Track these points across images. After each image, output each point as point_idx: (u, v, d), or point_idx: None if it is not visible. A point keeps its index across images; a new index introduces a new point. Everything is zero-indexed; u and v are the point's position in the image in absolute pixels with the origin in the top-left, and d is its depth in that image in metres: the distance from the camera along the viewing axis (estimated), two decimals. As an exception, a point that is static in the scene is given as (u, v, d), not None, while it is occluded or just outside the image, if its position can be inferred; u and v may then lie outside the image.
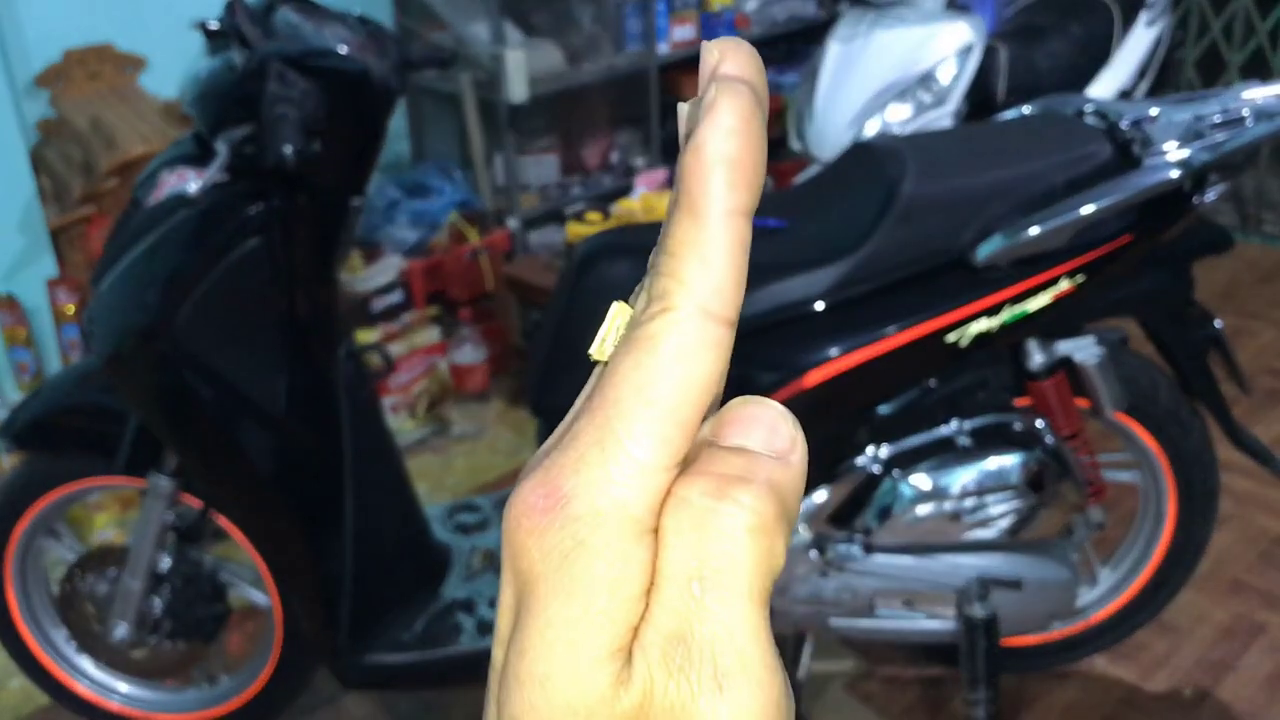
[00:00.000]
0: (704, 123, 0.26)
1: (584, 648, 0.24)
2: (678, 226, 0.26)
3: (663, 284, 0.26)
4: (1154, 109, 1.74)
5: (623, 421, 0.25)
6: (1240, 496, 2.62)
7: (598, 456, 0.25)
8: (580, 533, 0.25)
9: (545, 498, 0.25)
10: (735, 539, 0.24)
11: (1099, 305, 1.80)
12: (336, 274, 1.79)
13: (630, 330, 0.26)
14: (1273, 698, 2.11)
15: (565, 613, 0.25)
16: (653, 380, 0.25)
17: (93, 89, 2.91)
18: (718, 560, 0.24)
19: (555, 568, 0.25)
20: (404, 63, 1.77)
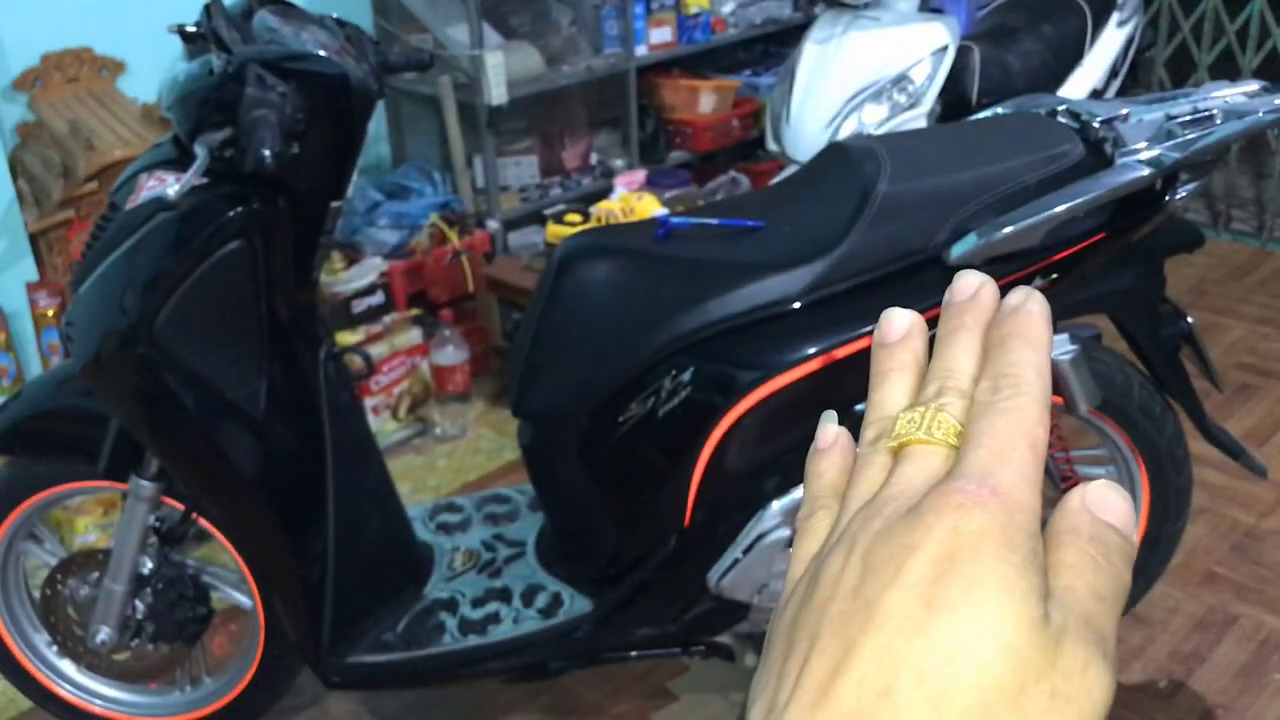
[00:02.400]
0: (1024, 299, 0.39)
1: (1025, 580, 0.32)
2: (1016, 351, 0.37)
3: (1014, 382, 0.37)
4: (1125, 108, 1.76)
5: (1017, 452, 0.35)
6: (1213, 490, 2.65)
7: (1010, 472, 0.34)
8: (1014, 513, 0.33)
9: (980, 488, 0.34)
10: (1117, 588, 0.35)
11: (1072, 303, 1.83)
12: (316, 276, 1.79)
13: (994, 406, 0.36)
14: (1245, 688, 2.14)
15: (1012, 557, 0.32)
16: (1031, 430, 0.35)
17: (71, 92, 2.91)
18: (1109, 592, 0.34)
19: (1000, 529, 0.33)
20: (383, 65, 1.78)
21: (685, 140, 3.91)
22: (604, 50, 3.62)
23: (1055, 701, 0.31)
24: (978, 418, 0.36)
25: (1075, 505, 0.35)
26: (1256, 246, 4.00)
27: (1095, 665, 0.32)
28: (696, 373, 1.68)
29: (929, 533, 0.33)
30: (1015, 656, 0.31)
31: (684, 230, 1.79)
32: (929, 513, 0.34)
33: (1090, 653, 0.32)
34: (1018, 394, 0.36)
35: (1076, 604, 0.33)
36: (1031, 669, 0.31)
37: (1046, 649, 0.32)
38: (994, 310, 0.40)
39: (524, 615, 1.90)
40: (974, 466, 0.34)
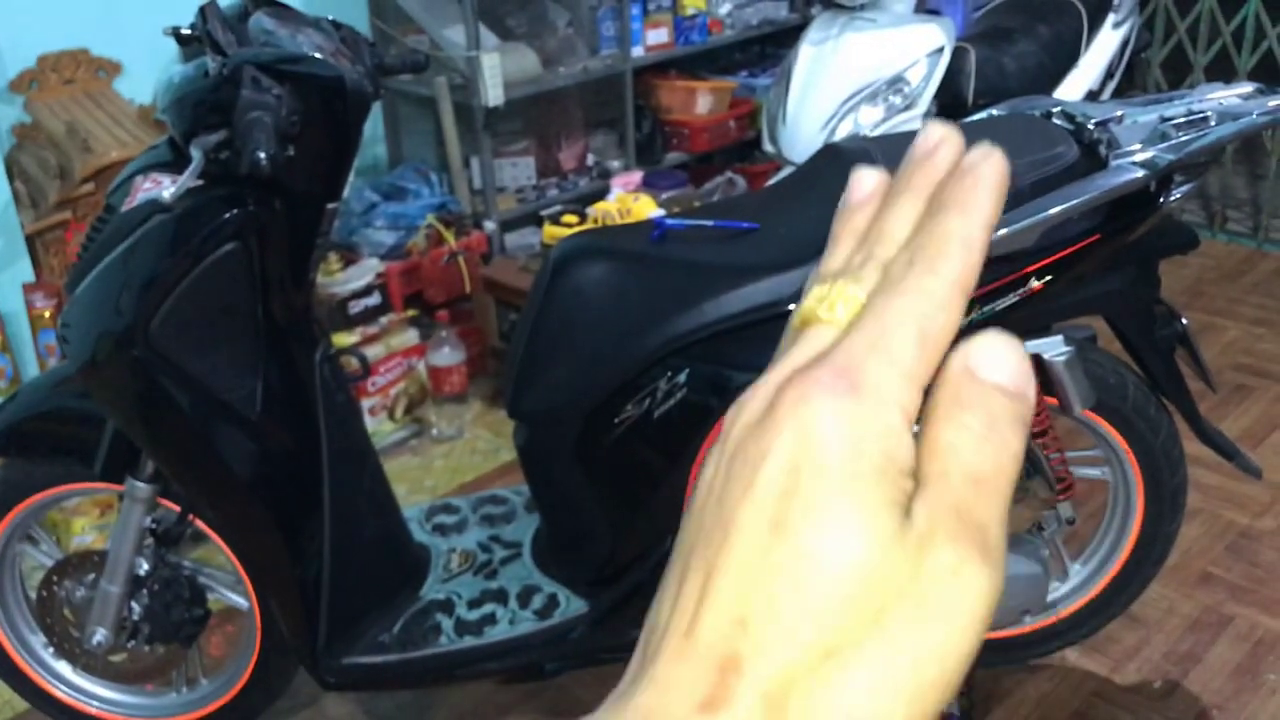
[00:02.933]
0: (985, 161, 0.34)
1: (878, 494, 0.29)
2: (947, 222, 0.33)
3: (929, 256, 0.32)
4: (1120, 110, 1.77)
5: (899, 341, 0.31)
6: (1207, 491, 2.66)
7: (882, 363, 0.31)
8: (869, 410, 0.30)
9: (838, 378, 0.30)
10: (1005, 462, 0.31)
11: (1067, 304, 1.83)
12: (313, 278, 1.79)
13: (893, 285, 0.32)
14: (1241, 688, 2.15)
15: (859, 465, 0.29)
16: (924, 319, 0.31)
17: (67, 94, 2.90)
18: (993, 471, 0.31)
19: (848, 433, 0.30)
20: (379, 67, 1.78)
21: (682, 141, 3.91)
22: (600, 51, 3.62)
23: (922, 610, 0.29)
24: (876, 295, 0.33)
25: (955, 369, 0.32)
26: (1252, 247, 4.01)
27: (968, 565, 0.29)
28: (692, 374, 1.68)
29: (778, 435, 0.30)
30: (868, 575, 0.29)
31: (680, 232, 1.80)
32: (780, 408, 0.31)
33: (961, 553, 0.29)
34: (928, 272, 0.32)
35: (949, 494, 0.30)
36: (890, 586, 0.29)
37: (907, 560, 0.29)
38: (948, 171, 0.35)
39: (520, 616, 1.90)
40: (843, 352, 0.31)
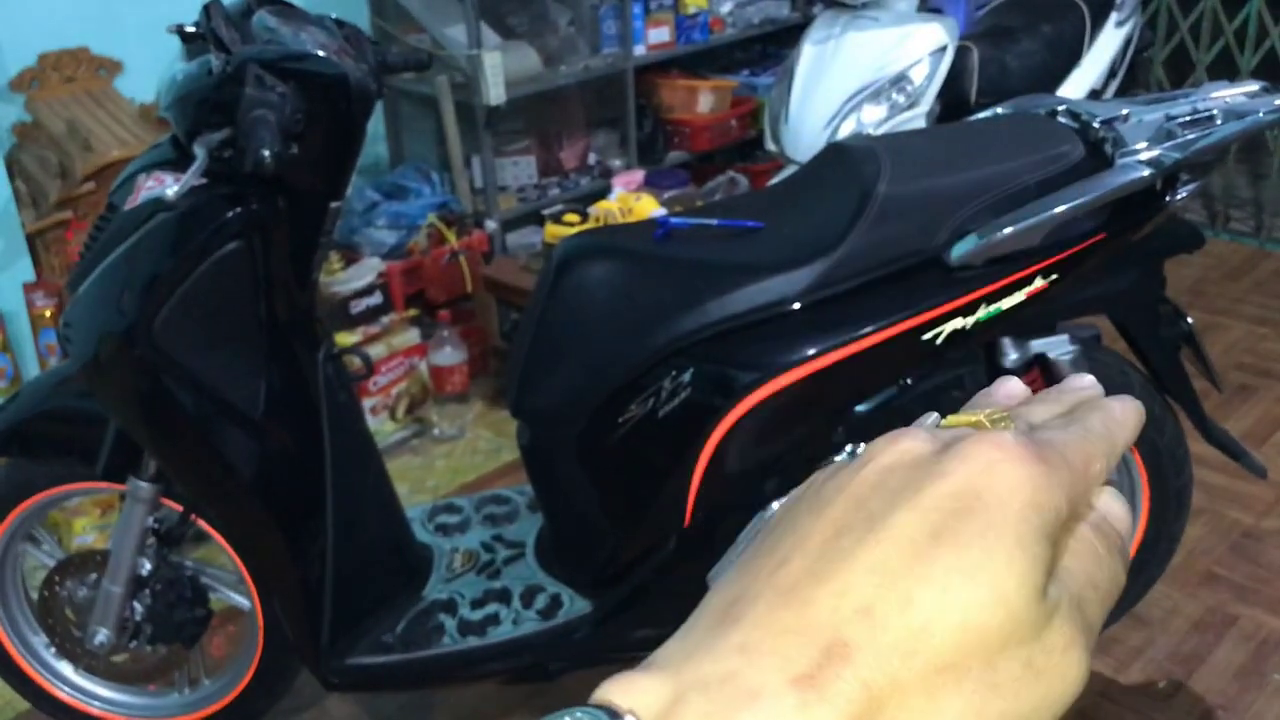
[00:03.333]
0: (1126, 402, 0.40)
1: (1035, 541, 0.32)
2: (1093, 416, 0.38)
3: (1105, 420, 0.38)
4: (1125, 109, 1.76)
5: (1074, 454, 0.35)
6: (1212, 490, 2.65)
7: (1062, 460, 0.34)
8: (1048, 478, 0.33)
9: (1031, 449, 0.33)
10: (1114, 586, 0.35)
11: (1072, 303, 1.83)
12: (315, 277, 1.79)
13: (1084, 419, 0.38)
14: (1245, 689, 2.14)
15: (1031, 516, 0.32)
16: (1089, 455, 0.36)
17: (68, 92, 2.90)
18: (1107, 585, 0.35)
19: (1030, 486, 0.32)
20: (382, 66, 1.78)
21: (683, 140, 3.91)
22: (602, 50, 3.61)
23: (1029, 671, 0.31)
24: (1043, 427, 0.37)
25: (1090, 510, 0.36)
26: (1255, 246, 4.00)
27: (1076, 649, 0.32)
28: (696, 374, 1.68)
29: (963, 463, 0.32)
30: (1007, 614, 0.30)
31: (683, 231, 1.79)
32: (972, 446, 0.33)
33: (1075, 636, 0.32)
34: (1089, 431, 0.37)
35: (1074, 586, 0.33)
36: (1018, 632, 0.31)
37: (1037, 618, 0.31)
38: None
39: (523, 616, 1.89)
40: (1034, 440, 0.34)
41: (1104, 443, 0.37)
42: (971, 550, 0.31)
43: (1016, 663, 0.31)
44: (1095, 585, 0.34)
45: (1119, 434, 0.38)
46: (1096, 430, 0.37)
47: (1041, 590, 0.31)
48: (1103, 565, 0.35)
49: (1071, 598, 0.33)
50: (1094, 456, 0.36)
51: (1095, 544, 0.35)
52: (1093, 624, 0.33)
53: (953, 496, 0.32)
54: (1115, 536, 0.36)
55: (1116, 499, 0.37)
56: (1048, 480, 0.33)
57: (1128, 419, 0.39)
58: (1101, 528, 0.35)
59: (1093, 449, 0.36)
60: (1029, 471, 0.32)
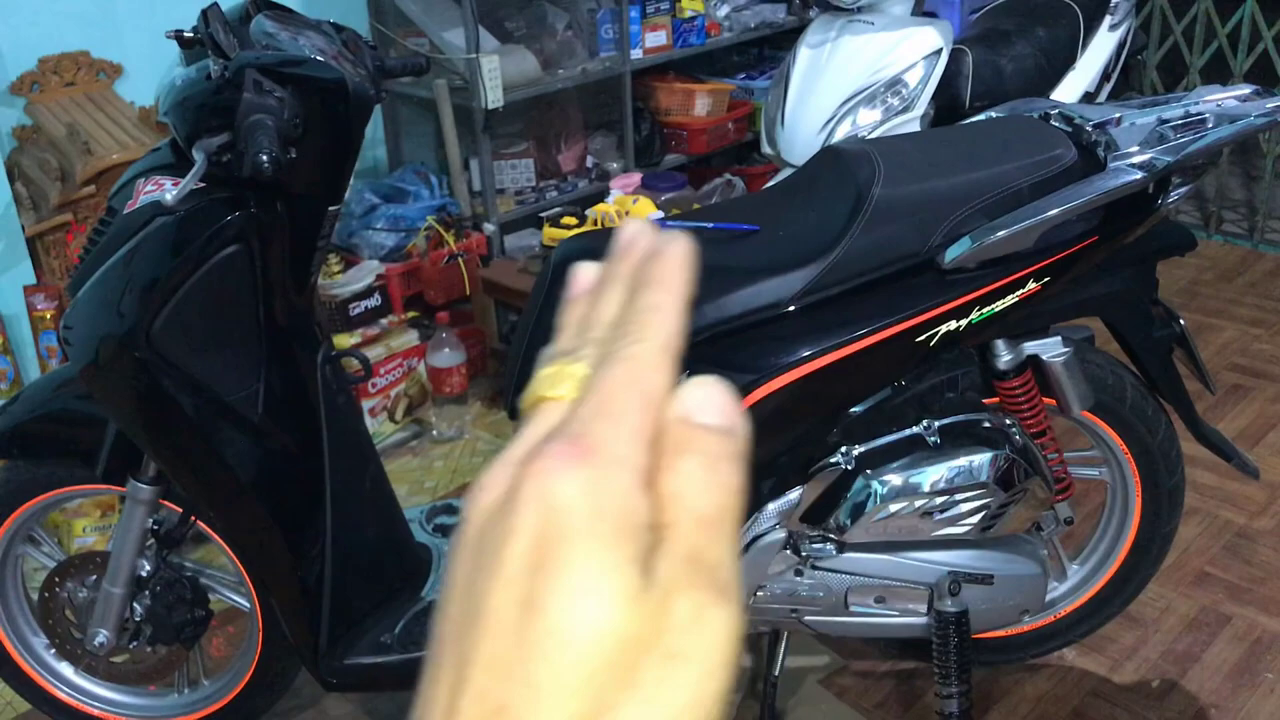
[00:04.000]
0: (670, 246, 0.38)
1: (617, 555, 0.30)
2: (648, 297, 0.36)
3: (637, 328, 0.35)
4: (1118, 112, 1.78)
5: (622, 403, 0.33)
6: (1205, 491, 2.67)
7: (609, 426, 0.32)
8: (607, 471, 0.31)
9: (571, 447, 0.32)
10: (727, 500, 0.33)
11: (1065, 305, 1.84)
12: (314, 280, 1.80)
13: (611, 355, 0.35)
14: (1238, 688, 2.16)
15: (598, 528, 0.31)
16: (641, 381, 0.34)
17: (68, 96, 2.91)
18: (718, 512, 0.33)
19: (589, 495, 0.31)
20: (380, 70, 1.79)
21: (680, 143, 3.92)
22: (599, 54, 3.63)
23: (673, 663, 0.30)
24: (597, 369, 0.35)
25: (672, 419, 0.34)
26: (1248, 248, 4.02)
27: (710, 609, 0.31)
28: (692, 375, 1.69)
29: (521, 513, 0.31)
30: (618, 638, 0.30)
31: (679, 234, 1.80)
32: (521, 487, 0.31)
33: (702, 597, 0.31)
34: (638, 340, 0.35)
35: (682, 543, 0.31)
36: (639, 643, 0.30)
37: (652, 615, 0.30)
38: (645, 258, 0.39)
39: (521, 617, 1.90)
40: (574, 422, 0.33)
41: (656, 343, 0.34)
42: (556, 601, 0.30)
43: (657, 664, 0.30)
44: (708, 521, 0.32)
45: (669, 311, 0.36)
46: (651, 326, 0.35)
47: (641, 589, 0.30)
48: (708, 490, 0.32)
49: (685, 559, 0.31)
50: (648, 376, 0.34)
51: (693, 473, 0.32)
52: (717, 563, 0.32)
53: (524, 555, 0.31)
54: (713, 442, 0.33)
55: (702, 389, 0.34)
56: (601, 473, 0.31)
57: (674, 278, 0.37)
58: (696, 445, 0.33)
59: (646, 365, 0.34)
60: (578, 480, 0.31)
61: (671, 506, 0.32)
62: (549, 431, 0.33)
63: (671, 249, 0.38)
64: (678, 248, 0.38)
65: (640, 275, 0.38)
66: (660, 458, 0.33)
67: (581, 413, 0.33)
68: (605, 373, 0.34)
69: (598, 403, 0.33)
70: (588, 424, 0.32)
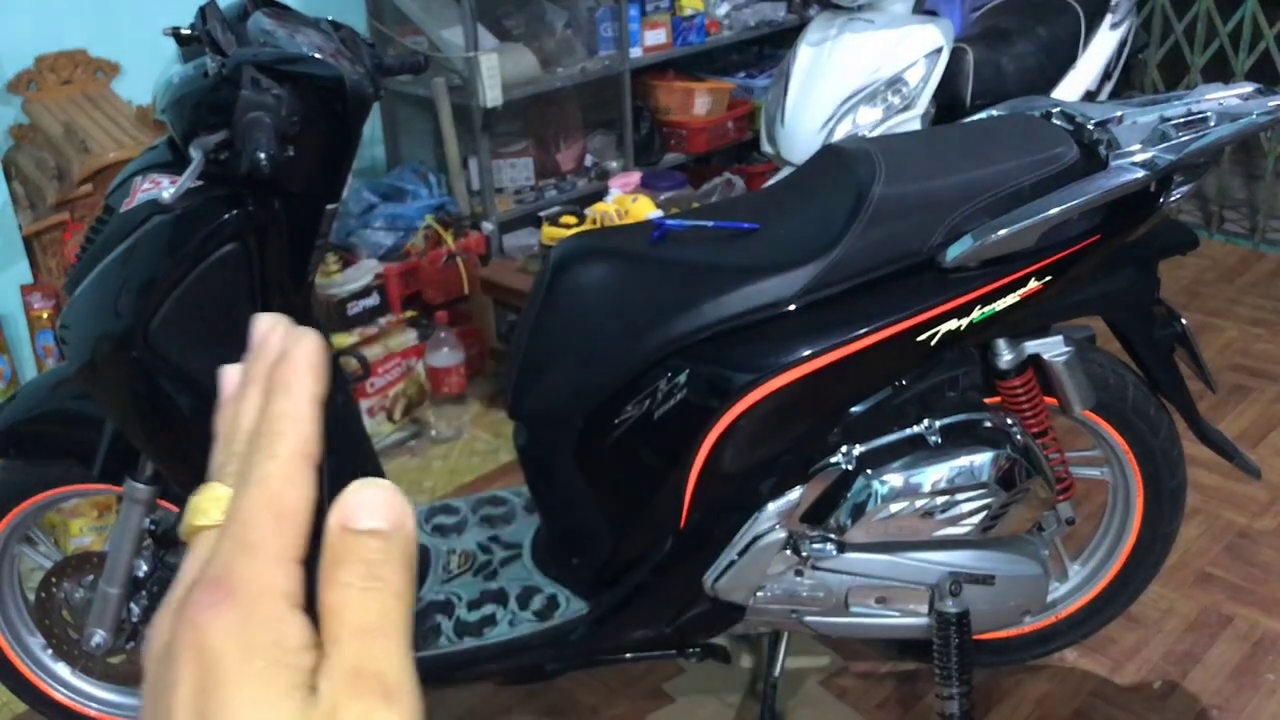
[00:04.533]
0: (296, 346, 0.38)
1: (274, 686, 0.31)
2: (278, 404, 0.37)
3: (268, 441, 0.35)
4: (1120, 111, 1.77)
5: (260, 531, 0.33)
6: (1206, 491, 2.66)
7: (248, 559, 0.33)
8: (249, 609, 0.32)
9: (214, 592, 0.32)
10: (390, 604, 0.34)
11: (1067, 304, 1.83)
12: (311, 278, 1.79)
13: (245, 478, 0.35)
14: (1240, 688, 2.15)
15: (251, 667, 0.31)
16: (275, 500, 0.34)
17: (65, 95, 2.90)
18: (378, 618, 0.33)
19: (235, 639, 0.32)
20: (378, 68, 1.78)
21: (680, 142, 3.92)
22: (599, 52, 3.62)
23: None
24: (234, 496, 0.35)
25: (332, 530, 0.34)
26: (1249, 248, 4.01)
27: (377, 714, 0.32)
28: (692, 375, 1.68)
29: (181, 661, 0.32)
30: None
31: (679, 233, 1.80)
32: (178, 635, 0.32)
33: (366, 706, 0.32)
34: (269, 457, 0.35)
35: (345, 658, 0.32)
36: None
37: None
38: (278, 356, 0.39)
39: (520, 617, 1.90)
40: (213, 563, 0.33)
41: (287, 451, 0.35)
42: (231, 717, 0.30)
43: None
44: (368, 630, 0.33)
45: (300, 412, 0.36)
46: (280, 435, 0.35)
47: (305, 706, 0.31)
48: (366, 599, 0.33)
49: (348, 673, 0.32)
50: (283, 488, 0.34)
51: (351, 583, 0.33)
52: (383, 669, 0.32)
53: (188, 703, 0.31)
54: (372, 548, 0.33)
55: (362, 493, 0.34)
56: (248, 610, 0.32)
57: (303, 376, 0.37)
58: (354, 554, 0.33)
59: (280, 477, 0.34)
60: (226, 624, 0.31)
61: (332, 621, 0.33)
62: (199, 570, 0.34)
63: (298, 350, 0.38)
64: (305, 348, 0.38)
65: (272, 378, 0.38)
66: (323, 571, 0.33)
67: (222, 548, 0.33)
68: (241, 498, 0.34)
69: (236, 533, 0.33)
70: (229, 560, 0.33)
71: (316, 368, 0.37)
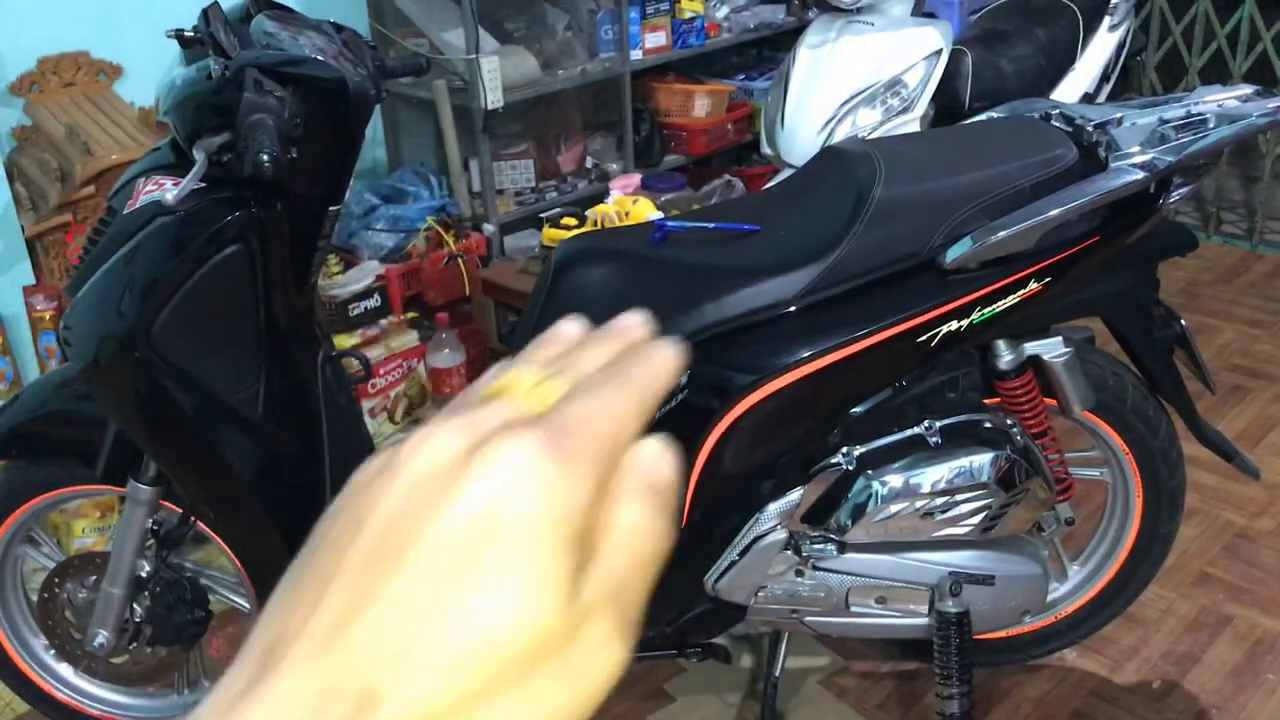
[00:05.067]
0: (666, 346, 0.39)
1: (561, 561, 0.31)
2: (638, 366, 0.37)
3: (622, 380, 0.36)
4: (1119, 112, 1.78)
5: (598, 428, 0.34)
6: (1205, 491, 2.67)
7: (584, 438, 0.33)
8: (575, 480, 0.32)
9: (554, 435, 0.32)
10: (657, 548, 0.34)
11: (1066, 306, 1.84)
12: (314, 280, 1.80)
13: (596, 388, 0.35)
14: (1238, 688, 2.16)
15: (554, 529, 0.31)
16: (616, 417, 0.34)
17: (68, 96, 2.91)
18: (648, 556, 0.34)
19: (551, 494, 0.32)
20: (380, 70, 1.79)
21: (680, 144, 3.92)
22: (599, 54, 3.62)
23: (565, 675, 0.31)
24: (580, 387, 0.35)
25: (627, 466, 0.34)
26: (1247, 249, 4.02)
27: (613, 641, 0.32)
28: (693, 376, 1.69)
29: (484, 476, 0.31)
30: (534, 634, 0.30)
31: (681, 234, 1.80)
32: (495, 450, 0.31)
33: (611, 628, 0.32)
34: (626, 386, 0.35)
35: (612, 575, 0.32)
36: (547, 646, 0.31)
37: (568, 625, 0.31)
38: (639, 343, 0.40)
39: (521, 617, 1.90)
40: (559, 416, 0.33)
41: (638, 399, 0.35)
42: (493, 579, 0.30)
43: (551, 673, 0.31)
44: (640, 562, 0.34)
45: (655, 385, 0.37)
46: (635, 383, 0.36)
47: (570, 598, 0.31)
48: (645, 538, 0.34)
49: (610, 590, 0.32)
50: (626, 420, 0.34)
51: (636, 518, 0.33)
52: (633, 602, 0.33)
53: (471, 520, 0.30)
54: (657, 496, 0.34)
55: (655, 450, 0.35)
56: (569, 482, 0.31)
57: (665, 368, 0.37)
58: (641, 493, 0.34)
59: (625, 410, 0.34)
60: (549, 478, 0.31)
61: (610, 538, 0.33)
62: (517, 418, 0.33)
63: (667, 352, 0.39)
64: (669, 355, 0.38)
65: (629, 354, 0.38)
66: (609, 491, 0.33)
67: (565, 414, 0.33)
68: (588, 397, 0.34)
69: (578, 416, 0.33)
70: (572, 425, 0.33)
71: (669, 378, 0.38)
